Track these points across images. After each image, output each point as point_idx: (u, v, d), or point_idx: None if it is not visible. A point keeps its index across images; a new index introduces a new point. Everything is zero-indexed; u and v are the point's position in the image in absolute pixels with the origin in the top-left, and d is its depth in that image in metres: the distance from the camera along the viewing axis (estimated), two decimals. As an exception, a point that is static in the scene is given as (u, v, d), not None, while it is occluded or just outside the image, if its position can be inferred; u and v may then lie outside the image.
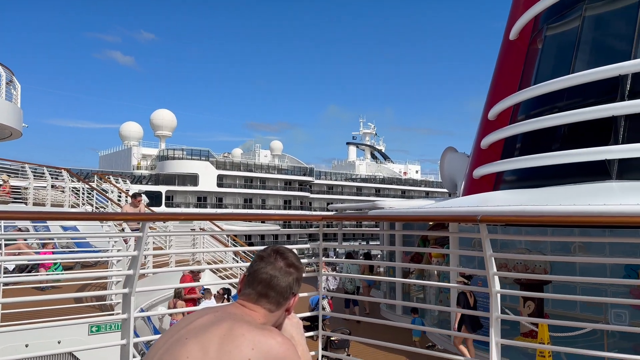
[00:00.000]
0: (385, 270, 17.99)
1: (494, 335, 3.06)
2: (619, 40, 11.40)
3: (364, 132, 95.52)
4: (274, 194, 68.83)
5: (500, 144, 13.62)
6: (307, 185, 73.28)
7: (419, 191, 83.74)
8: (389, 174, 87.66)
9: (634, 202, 7.61)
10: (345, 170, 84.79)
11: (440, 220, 5.10)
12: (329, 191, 76.52)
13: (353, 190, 78.34)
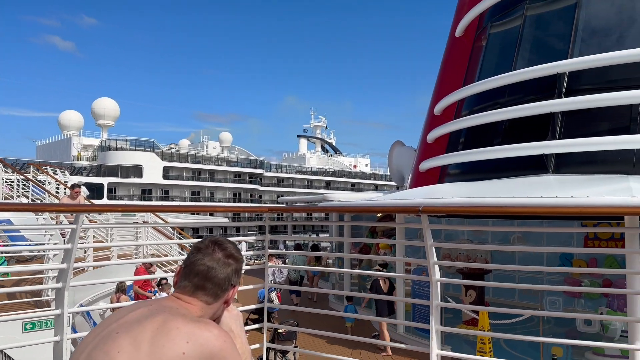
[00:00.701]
0: (334, 262, 18.15)
1: (434, 322, 3.12)
2: (558, 39, 11.93)
3: (315, 125, 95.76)
4: (223, 187, 67.83)
5: (445, 138, 13.99)
6: (258, 178, 72.73)
7: (368, 184, 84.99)
8: (340, 167, 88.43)
9: (568, 195, 8.01)
10: (296, 163, 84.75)
11: (384, 211, 5.22)
12: (279, 184, 76.30)
13: (304, 183, 78.47)
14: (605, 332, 9.08)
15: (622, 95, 9.86)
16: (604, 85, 10.54)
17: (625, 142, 9.60)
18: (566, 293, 11.12)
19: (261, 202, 72.23)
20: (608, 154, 9.97)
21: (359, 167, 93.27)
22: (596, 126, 10.50)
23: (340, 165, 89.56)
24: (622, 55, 10.15)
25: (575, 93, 10.64)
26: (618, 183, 8.51)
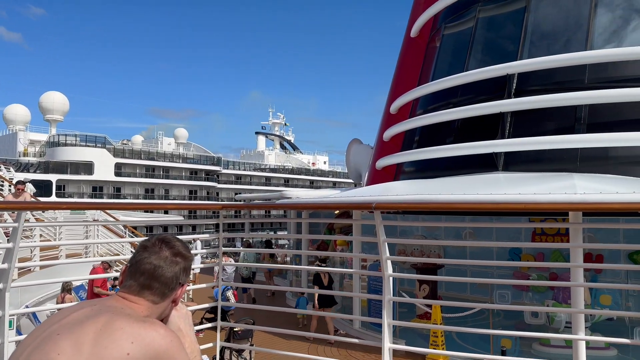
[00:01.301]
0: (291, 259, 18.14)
1: (387, 317, 3.17)
2: (508, 41, 12.35)
3: (274, 122, 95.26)
4: (178, 184, 66.41)
5: (401, 136, 14.24)
6: (215, 175, 71.64)
7: (326, 181, 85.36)
8: (298, 164, 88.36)
9: (516, 192, 8.32)
10: (254, 160, 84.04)
11: (339, 208, 5.28)
12: (237, 181, 75.42)
13: (262, 180, 77.93)
14: (551, 323, 9.51)
15: (567, 97, 10.32)
16: (551, 86, 11.00)
17: (570, 142, 10.06)
18: (515, 286, 11.55)
19: (218, 200, 71.22)
20: (554, 152, 10.41)
21: (318, 164, 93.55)
22: (543, 126, 10.95)
23: (299, 162, 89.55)
24: (568, 58, 10.61)
25: (524, 94, 11.05)
26: (563, 180, 8.91)
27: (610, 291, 9.32)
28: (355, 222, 11.13)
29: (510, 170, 10.84)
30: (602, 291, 9.51)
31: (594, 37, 10.92)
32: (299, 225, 15.89)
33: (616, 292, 9.50)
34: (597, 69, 10.50)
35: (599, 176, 9.36)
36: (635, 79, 10.23)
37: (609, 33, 11.04)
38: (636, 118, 10.08)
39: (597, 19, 11.09)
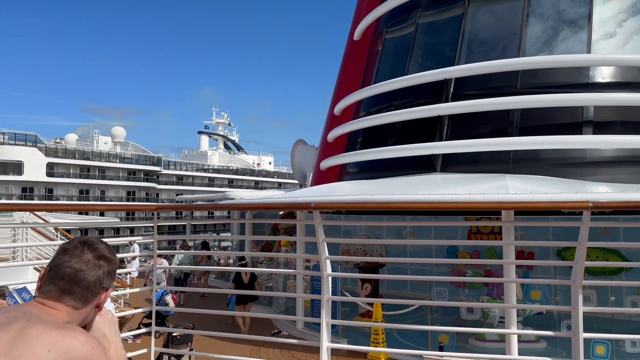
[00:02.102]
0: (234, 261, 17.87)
1: (325, 316, 3.18)
2: (446, 47, 12.78)
3: (217, 122, 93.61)
4: (115, 185, 63.79)
5: (345, 137, 14.40)
6: (154, 176, 69.44)
7: (272, 182, 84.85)
8: (243, 165, 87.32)
9: (452, 192, 8.61)
10: (196, 161, 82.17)
11: (279, 208, 5.28)
12: (178, 182, 73.44)
13: (205, 181, 76.35)
14: (485, 319, 9.91)
15: (500, 101, 10.81)
16: (487, 91, 11.49)
17: (503, 144, 10.54)
18: (452, 284, 11.97)
19: (158, 201, 69.06)
20: (488, 154, 10.88)
21: (263, 165, 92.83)
22: (479, 129, 11.41)
23: (244, 163, 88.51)
24: (501, 64, 11.12)
25: (461, 98, 11.46)
26: (496, 181, 9.31)
27: (540, 287, 9.83)
28: (299, 222, 11.13)
29: (448, 171, 11.21)
30: (532, 287, 10.02)
31: (526, 45, 11.50)
32: (242, 226, 15.70)
33: (546, 288, 10.02)
34: (529, 75, 11.06)
35: (530, 177, 9.85)
36: (563, 85, 10.86)
37: (541, 42, 11.67)
38: (564, 122, 10.71)
39: (529, 28, 11.69)
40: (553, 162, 10.47)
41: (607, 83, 10.81)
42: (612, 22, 11.24)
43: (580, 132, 10.48)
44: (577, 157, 10.45)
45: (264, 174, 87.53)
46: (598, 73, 10.88)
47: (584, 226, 2.79)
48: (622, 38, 11.10)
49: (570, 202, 3.02)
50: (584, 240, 2.79)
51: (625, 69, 10.71)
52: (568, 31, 11.59)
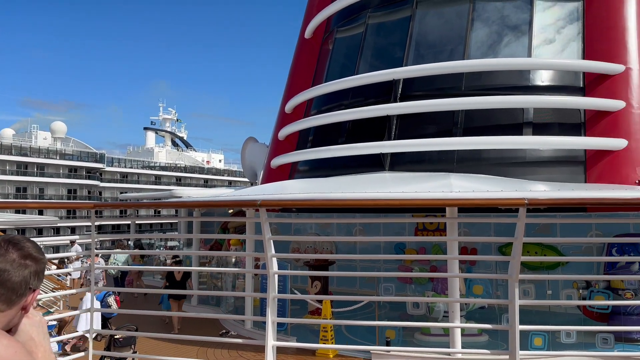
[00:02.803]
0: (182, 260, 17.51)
1: (270, 314, 3.16)
2: (395, 48, 13.01)
3: (164, 118, 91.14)
4: (55, 182, 60.89)
5: (296, 136, 14.38)
6: (97, 173, 66.78)
7: (222, 180, 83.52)
8: (191, 162, 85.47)
9: (400, 190, 8.80)
10: (142, 158, 79.67)
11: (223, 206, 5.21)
12: (122, 180, 70.92)
13: (151, 179, 74.11)
14: (431, 313, 10.18)
15: (446, 102, 11.14)
16: (433, 92, 11.79)
17: (447, 144, 10.87)
18: (399, 279, 12.22)
19: (101, 200, 66.45)
20: (434, 154, 11.18)
21: (213, 163, 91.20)
22: (425, 129, 11.70)
23: (192, 160, 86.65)
24: (446, 66, 11.45)
25: (409, 98, 11.71)
26: (441, 180, 9.59)
27: (482, 281, 10.19)
28: (248, 220, 11.02)
29: (396, 169, 11.44)
30: (475, 282, 10.38)
31: (470, 48, 11.89)
32: (190, 225, 15.38)
33: (487, 282, 10.40)
34: (473, 77, 11.45)
35: (473, 176, 10.20)
36: (505, 87, 11.32)
37: (485, 46, 12.10)
38: (506, 123, 11.16)
39: (474, 32, 12.09)
40: (495, 162, 10.89)
41: (546, 86, 11.36)
42: (552, 29, 11.81)
43: (521, 133, 10.95)
44: (518, 157, 10.92)
45: (214, 172, 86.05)
46: (538, 76, 11.41)
47: (520, 222, 2.91)
48: (560, 44, 11.68)
49: (507, 199, 3.15)
50: (520, 235, 2.91)
51: (563, 73, 11.29)
52: (511, 36, 12.07)
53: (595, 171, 10.43)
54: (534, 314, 10.93)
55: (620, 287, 10.18)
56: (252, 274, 11.25)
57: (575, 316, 10.61)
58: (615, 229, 10.77)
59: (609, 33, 11.29)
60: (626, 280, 9.89)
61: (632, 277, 9.63)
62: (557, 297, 10.84)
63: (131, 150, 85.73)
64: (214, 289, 14.62)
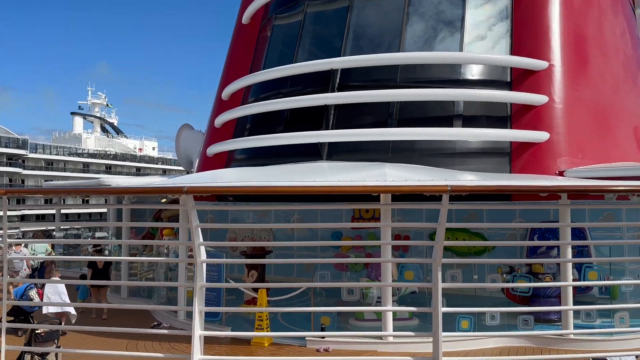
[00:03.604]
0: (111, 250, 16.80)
1: (198, 304, 3.09)
2: (333, 37, 13.06)
3: (93, 102, 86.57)
4: (-29, 169, 56.56)
5: (233, 123, 14.14)
6: (20, 160, 62.57)
7: (155, 169, 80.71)
8: (123, 149, 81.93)
9: (337, 179, 8.90)
10: (69, 144, 75.38)
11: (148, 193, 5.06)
12: (48, 167, 66.93)
13: (79, 166, 70.38)
14: (365, 299, 10.41)
15: (381, 94, 11.36)
16: (369, 83, 11.98)
17: (382, 135, 11.11)
18: (335, 267, 12.38)
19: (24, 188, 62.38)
20: (370, 144, 11.39)
21: (146, 150, 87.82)
22: (362, 119, 11.88)
23: (124, 148, 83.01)
24: (382, 58, 11.66)
25: (347, 88, 11.83)
26: (376, 169, 9.78)
27: (413, 267, 10.53)
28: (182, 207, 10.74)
29: (334, 159, 11.55)
30: (407, 267, 10.71)
31: (406, 41, 12.16)
32: (119, 214, 14.76)
33: (418, 268, 10.75)
34: (408, 70, 11.74)
35: (407, 166, 10.49)
36: (438, 80, 11.70)
37: (420, 39, 12.42)
38: (438, 115, 11.55)
39: (409, 26, 12.36)
40: (427, 152, 11.26)
41: (476, 80, 11.85)
42: (484, 26, 12.29)
43: (452, 125, 11.38)
44: (448, 148, 11.35)
45: (147, 160, 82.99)
46: (469, 71, 11.88)
47: (443, 208, 3.02)
48: (491, 41, 12.19)
49: (431, 187, 3.26)
50: (442, 221, 3.02)
51: (492, 68, 11.81)
52: (445, 31, 12.46)
53: (520, 162, 11.04)
54: (462, 298, 11.45)
55: (540, 272, 10.85)
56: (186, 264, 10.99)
57: (500, 299, 11.20)
58: (537, 216, 11.45)
59: (534, 31, 11.92)
60: (546, 264, 10.58)
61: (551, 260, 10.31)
62: (483, 281, 11.39)
63: (57, 137, 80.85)
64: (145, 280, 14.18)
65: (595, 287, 11.02)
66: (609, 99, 12.25)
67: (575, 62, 11.92)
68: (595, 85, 12.05)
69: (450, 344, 8.32)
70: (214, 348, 8.37)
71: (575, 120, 11.33)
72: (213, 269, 9.73)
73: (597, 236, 11.30)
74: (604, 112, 11.99)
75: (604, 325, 9.67)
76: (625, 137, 12.35)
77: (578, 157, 10.98)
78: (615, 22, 13.50)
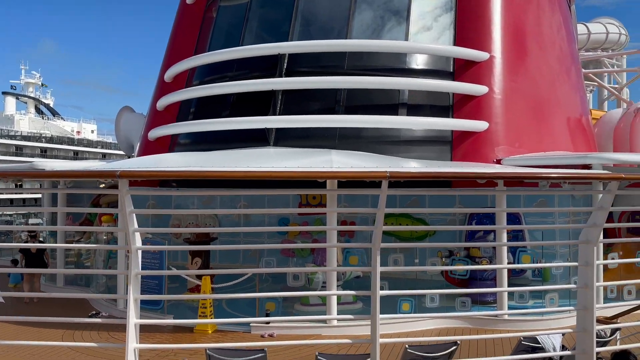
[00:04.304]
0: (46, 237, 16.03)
1: (133, 292, 2.99)
2: (281, 22, 12.88)
3: (27, 82, 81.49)
4: None
5: (176, 107, 13.71)
6: (-57, 142, 58.21)
7: (94, 153, 77.28)
8: (59, 132, 77.77)
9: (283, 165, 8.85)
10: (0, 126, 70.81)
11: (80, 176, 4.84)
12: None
13: (11, 149, 66.31)
14: (310, 284, 10.49)
15: (328, 80, 11.37)
16: (317, 69, 11.93)
17: (329, 121, 11.15)
18: (282, 253, 12.38)
19: (-50, 172, 58.11)
20: (317, 130, 11.38)
21: (84, 133, 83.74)
22: (310, 105, 11.85)
23: (60, 130, 78.79)
24: (331, 44, 11.66)
25: (294, 74, 11.72)
26: (323, 156, 9.81)
27: (358, 252, 10.70)
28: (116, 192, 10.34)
29: (281, 145, 11.47)
30: (352, 252, 10.88)
31: (353, 28, 12.18)
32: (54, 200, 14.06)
33: (363, 253, 10.94)
34: (355, 57, 11.78)
35: (353, 153, 10.59)
36: (384, 69, 11.82)
37: (367, 28, 12.47)
38: (383, 103, 11.70)
39: (358, 14, 12.37)
40: (373, 140, 11.40)
41: (420, 70, 12.07)
42: (429, 17, 12.50)
43: (397, 113, 11.56)
44: (394, 136, 11.54)
45: (85, 144, 79.23)
46: (413, 60, 12.07)
47: (382, 194, 3.06)
48: (437, 32, 12.42)
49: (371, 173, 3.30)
50: (382, 206, 3.07)
51: (436, 58, 12.05)
52: (392, 21, 12.57)
53: (461, 150, 11.39)
54: (405, 282, 11.77)
55: (477, 256, 11.33)
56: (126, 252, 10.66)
57: (440, 283, 11.61)
58: (476, 202, 11.89)
59: (477, 23, 12.26)
60: (482, 248, 11.04)
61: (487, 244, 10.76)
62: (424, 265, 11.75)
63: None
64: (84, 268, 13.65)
65: (529, 270, 11.61)
66: (544, 91, 12.84)
67: (515, 54, 12.38)
68: (533, 78, 12.58)
69: (391, 326, 8.55)
70: (155, 337, 8.19)
71: (513, 110, 11.80)
72: (155, 257, 9.49)
73: (531, 222, 11.89)
74: (540, 103, 12.56)
75: (536, 306, 10.23)
76: (558, 127, 13.01)
77: (515, 146, 11.47)
78: (553, 17, 14.10)
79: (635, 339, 6.15)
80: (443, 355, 4.90)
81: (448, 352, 4.94)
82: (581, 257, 3.66)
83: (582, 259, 3.63)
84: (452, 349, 4.95)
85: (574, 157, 10.69)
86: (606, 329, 5.56)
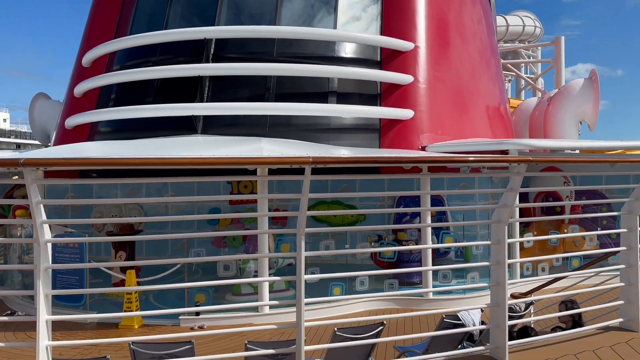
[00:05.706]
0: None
1: (43, 287, 2.82)
2: (207, 5, 12.51)
3: None
4: None
5: (96, 93, 12.98)
6: None
7: (8, 143, 71.78)
8: (-34, 121, 71.51)
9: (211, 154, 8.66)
10: None
11: None
12: None
13: None
14: (242, 274, 10.41)
15: (257, 67, 11.21)
16: (245, 55, 11.72)
17: (259, 109, 11.02)
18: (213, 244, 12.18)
19: None
20: (247, 118, 11.22)
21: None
22: (238, 92, 11.63)
23: (-33, 119, 72.54)
24: (259, 30, 11.50)
25: (222, 59, 11.44)
26: (253, 144, 9.70)
27: (290, 239, 10.74)
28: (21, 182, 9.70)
29: (209, 133, 11.21)
30: (284, 240, 10.90)
31: (282, 15, 12.07)
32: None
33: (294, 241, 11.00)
34: (284, 44, 11.69)
35: (283, 141, 10.55)
36: (314, 57, 11.82)
37: (296, 15, 12.39)
38: (313, 91, 11.72)
39: (287, 2, 12.27)
40: (304, 128, 11.41)
41: (349, 58, 12.20)
42: (358, 7, 12.63)
43: (326, 101, 11.63)
44: (324, 124, 11.62)
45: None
46: (342, 49, 12.18)
47: (306, 179, 3.08)
48: (365, 22, 12.59)
49: (294, 158, 3.30)
50: (306, 192, 3.09)
51: (364, 47, 12.22)
52: (322, 10, 12.59)
53: (388, 138, 11.68)
54: (336, 267, 11.99)
55: (404, 239, 11.76)
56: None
57: (370, 266, 11.93)
58: (404, 187, 12.28)
59: (402, 14, 12.55)
60: (409, 231, 11.46)
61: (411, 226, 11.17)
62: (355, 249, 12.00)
63: None
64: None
65: (452, 252, 12.21)
66: (465, 81, 13.42)
67: (438, 45, 12.82)
68: (455, 68, 13.11)
69: (322, 310, 8.70)
70: (77, 335, 7.80)
71: (437, 99, 12.26)
72: (74, 252, 9.00)
73: (454, 204, 12.48)
74: (462, 92, 13.12)
75: (459, 284, 10.80)
76: (479, 115, 13.67)
77: (438, 134, 11.93)
78: (474, 10, 14.73)
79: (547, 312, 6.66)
80: (371, 335, 5.04)
81: (376, 332, 5.09)
82: (493, 235, 3.88)
83: (494, 237, 3.86)
84: (379, 329, 5.11)
85: (492, 143, 11.28)
86: (520, 304, 5.95)
